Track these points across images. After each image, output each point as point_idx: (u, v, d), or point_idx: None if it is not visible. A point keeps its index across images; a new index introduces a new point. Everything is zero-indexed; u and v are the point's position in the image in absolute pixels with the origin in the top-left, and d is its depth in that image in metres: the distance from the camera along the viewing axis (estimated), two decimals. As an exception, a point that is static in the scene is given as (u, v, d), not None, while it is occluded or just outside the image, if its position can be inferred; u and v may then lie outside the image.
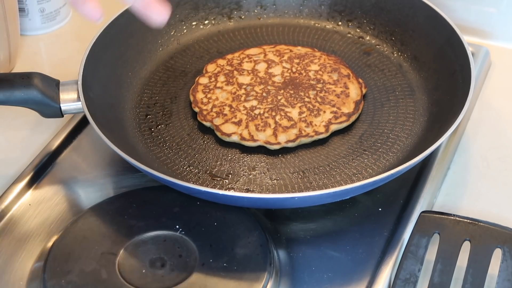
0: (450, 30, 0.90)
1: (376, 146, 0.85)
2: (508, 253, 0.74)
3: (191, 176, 0.83)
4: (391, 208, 0.81)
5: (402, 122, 0.88)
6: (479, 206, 0.83)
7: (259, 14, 1.02)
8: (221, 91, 0.91)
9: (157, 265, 0.74)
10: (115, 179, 0.85)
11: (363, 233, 0.79)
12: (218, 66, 0.94)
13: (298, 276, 0.75)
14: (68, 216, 0.80)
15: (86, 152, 0.89)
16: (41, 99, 0.82)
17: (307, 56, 0.94)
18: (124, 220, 0.78)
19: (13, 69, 1.01)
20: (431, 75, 0.91)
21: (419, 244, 0.75)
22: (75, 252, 0.75)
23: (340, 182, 0.82)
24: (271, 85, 0.91)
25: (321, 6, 1.01)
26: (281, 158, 0.85)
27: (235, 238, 0.76)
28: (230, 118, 0.87)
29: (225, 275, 0.73)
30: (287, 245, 0.78)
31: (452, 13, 0.98)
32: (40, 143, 0.90)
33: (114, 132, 0.83)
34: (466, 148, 0.89)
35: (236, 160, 0.84)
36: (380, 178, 0.75)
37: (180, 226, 0.77)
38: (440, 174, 0.85)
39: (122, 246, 0.75)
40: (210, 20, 1.01)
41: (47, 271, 0.73)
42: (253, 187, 0.82)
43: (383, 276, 0.75)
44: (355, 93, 0.90)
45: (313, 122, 0.87)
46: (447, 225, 0.76)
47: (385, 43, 0.97)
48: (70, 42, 1.06)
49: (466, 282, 0.72)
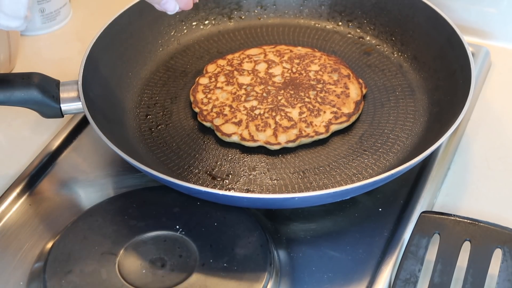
0: (450, 30, 0.90)
1: (376, 146, 0.85)
2: (508, 253, 0.74)
3: (191, 176, 0.83)
4: (391, 208, 0.81)
5: (402, 122, 0.88)
6: (479, 206, 0.83)
7: (259, 14, 1.02)
8: (221, 91, 0.91)
9: (157, 265, 0.74)
10: (115, 179, 0.85)
11: (363, 233, 0.79)
12: (218, 66, 0.94)
13: (298, 276, 0.75)
14: (68, 216, 0.80)
15: (86, 152, 0.89)
16: (41, 99, 0.82)
17: (307, 56, 0.94)
18: (124, 220, 0.78)
19: (13, 69, 1.01)
20: (431, 75, 0.91)
21: (419, 244, 0.75)
22: (75, 252, 0.75)
23: (340, 182, 0.82)
24: (271, 85, 0.91)
25: (321, 6, 1.01)
26: (281, 158, 0.85)
27: (235, 238, 0.76)
28: (230, 118, 0.87)
29: (225, 275, 0.73)
30: (287, 245, 0.78)
31: (452, 13, 0.98)
32: (40, 143, 0.90)
33: (114, 132, 0.83)
34: (466, 148, 0.89)
35: (236, 161, 0.84)
36: (380, 178, 0.75)
37: (180, 226, 0.77)
38: (440, 174, 0.85)
39: (122, 246, 0.75)
40: (211, 20, 1.01)
41: (47, 271, 0.73)
42: (253, 187, 0.82)
43: (383, 276, 0.75)
44: (355, 93, 0.90)
45: (313, 122, 0.87)
46: (447, 225, 0.76)
47: (385, 43, 0.97)
48: (70, 42, 1.06)
49: (466, 282, 0.72)
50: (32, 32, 1.07)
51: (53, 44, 1.06)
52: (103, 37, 0.90)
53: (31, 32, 1.07)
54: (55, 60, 1.03)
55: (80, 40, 1.05)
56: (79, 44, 1.04)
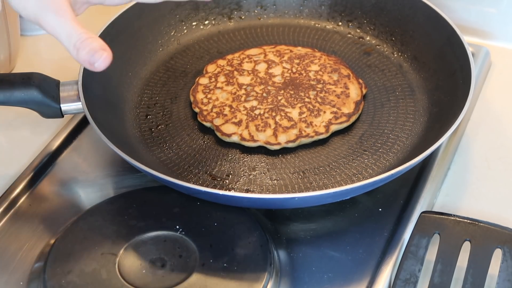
0: (450, 30, 0.90)
1: (376, 146, 0.85)
2: (508, 253, 0.74)
3: (191, 176, 0.83)
4: (391, 208, 0.81)
5: (402, 122, 0.88)
6: (479, 206, 0.83)
7: (259, 14, 1.02)
8: (221, 91, 0.91)
9: (157, 265, 0.74)
10: (115, 179, 0.85)
11: (363, 233, 0.79)
12: (218, 67, 0.94)
13: (298, 277, 0.75)
14: (68, 216, 0.80)
15: (86, 153, 0.89)
16: (41, 99, 0.82)
17: (307, 57, 0.94)
18: (124, 220, 0.78)
19: (13, 70, 1.01)
20: (431, 76, 0.91)
21: (419, 244, 0.75)
22: (75, 252, 0.75)
23: (340, 182, 0.82)
24: (271, 86, 0.91)
25: (321, 6, 1.01)
26: (281, 158, 0.85)
27: (235, 239, 0.76)
28: (230, 118, 0.87)
29: (225, 275, 0.73)
30: (287, 246, 0.78)
31: (452, 14, 0.98)
32: (40, 143, 0.90)
33: (114, 132, 0.83)
34: (466, 148, 0.89)
35: (236, 161, 0.84)
36: (380, 178, 0.75)
37: (180, 226, 0.77)
38: (440, 174, 0.85)
39: (122, 246, 0.75)
40: (210, 20, 1.01)
41: (47, 271, 0.73)
42: (253, 188, 0.82)
43: (383, 276, 0.75)
44: (355, 94, 0.90)
45: (313, 123, 0.87)
46: (447, 225, 0.76)
47: (385, 43, 0.97)
48: (70, 43, 1.05)
49: (466, 283, 0.72)
50: (32, 32, 1.07)
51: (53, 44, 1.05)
52: (103, 37, 0.90)
53: (31, 32, 1.07)
54: (55, 60, 1.03)
55: (80, 40, 1.05)
56: (79, 44, 1.04)
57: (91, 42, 0.68)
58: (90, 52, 0.68)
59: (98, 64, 0.68)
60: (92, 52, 0.68)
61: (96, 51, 0.68)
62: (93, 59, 0.68)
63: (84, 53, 0.68)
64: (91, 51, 0.68)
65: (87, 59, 0.68)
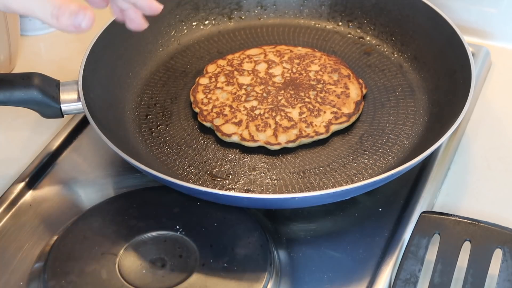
0: (451, 30, 0.90)
1: (376, 146, 0.85)
2: (509, 253, 0.74)
3: (192, 176, 0.83)
4: (391, 208, 0.81)
5: (403, 122, 0.88)
6: (479, 206, 0.83)
7: (260, 14, 1.02)
8: (222, 91, 0.91)
9: (157, 265, 0.74)
10: (116, 179, 0.86)
11: (363, 233, 0.79)
12: (219, 67, 0.94)
13: (299, 277, 0.75)
14: (68, 216, 0.80)
15: (86, 153, 0.89)
16: (41, 99, 0.82)
17: (307, 57, 0.94)
18: (124, 220, 0.78)
19: (13, 70, 1.01)
20: (432, 76, 0.91)
21: (420, 244, 0.75)
22: (75, 252, 0.75)
23: (341, 182, 0.82)
24: (272, 86, 0.91)
25: (321, 6, 1.01)
26: (282, 158, 0.85)
27: (235, 239, 0.76)
28: (231, 118, 0.87)
29: (225, 275, 0.73)
30: (288, 246, 0.78)
31: (453, 14, 0.98)
32: (41, 143, 0.90)
33: (114, 132, 0.83)
34: (467, 148, 0.89)
35: (236, 161, 0.84)
36: (381, 178, 0.75)
37: (180, 226, 0.77)
38: (440, 174, 0.85)
39: (122, 246, 0.75)
40: (211, 20, 1.01)
41: (47, 271, 0.73)
42: (253, 188, 0.82)
43: (384, 276, 0.75)
44: (356, 94, 0.90)
45: (313, 123, 0.87)
46: (447, 226, 0.76)
47: (386, 44, 0.97)
48: (70, 42, 1.06)
49: (466, 283, 0.72)
50: (32, 32, 1.07)
51: (53, 44, 1.06)
52: (103, 37, 0.90)
53: (31, 32, 1.07)
54: (55, 60, 1.03)
55: (80, 40, 1.05)
56: (79, 44, 1.04)
57: (68, 6, 0.65)
58: (72, 15, 0.65)
59: (85, 24, 0.65)
60: (74, 14, 0.65)
61: (77, 12, 0.65)
62: (77, 20, 0.65)
63: (65, 18, 0.65)
64: (72, 14, 0.65)
65: (70, 23, 0.65)
